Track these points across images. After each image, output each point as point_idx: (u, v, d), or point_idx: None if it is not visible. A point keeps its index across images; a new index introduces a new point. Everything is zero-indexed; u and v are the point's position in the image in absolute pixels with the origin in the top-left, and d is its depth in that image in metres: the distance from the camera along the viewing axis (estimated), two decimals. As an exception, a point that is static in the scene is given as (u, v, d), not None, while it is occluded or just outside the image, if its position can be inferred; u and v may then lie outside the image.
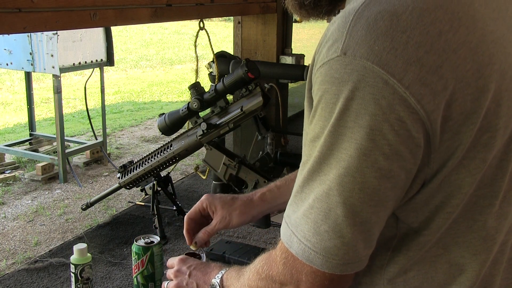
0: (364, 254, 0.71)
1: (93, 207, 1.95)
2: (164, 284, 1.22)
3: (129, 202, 2.34)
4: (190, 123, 1.56)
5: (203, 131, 1.51)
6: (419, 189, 0.71)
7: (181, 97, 9.45)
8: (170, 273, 1.21)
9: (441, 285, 0.75)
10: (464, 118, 0.66)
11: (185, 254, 1.39)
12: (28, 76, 5.58)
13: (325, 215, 0.68)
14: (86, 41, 4.99)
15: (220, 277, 1.02)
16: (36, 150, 5.63)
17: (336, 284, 0.73)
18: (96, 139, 5.63)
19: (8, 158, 5.53)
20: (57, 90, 4.82)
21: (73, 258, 1.41)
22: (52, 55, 4.65)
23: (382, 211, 0.69)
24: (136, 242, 1.44)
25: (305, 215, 0.70)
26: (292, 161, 2.24)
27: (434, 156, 0.67)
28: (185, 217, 1.27)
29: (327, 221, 0.68)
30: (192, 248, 1.26)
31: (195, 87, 1.51)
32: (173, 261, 1.22)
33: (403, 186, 0.69)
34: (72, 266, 1.40)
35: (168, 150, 1.60)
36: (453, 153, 0.67)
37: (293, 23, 2.63)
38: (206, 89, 1.52)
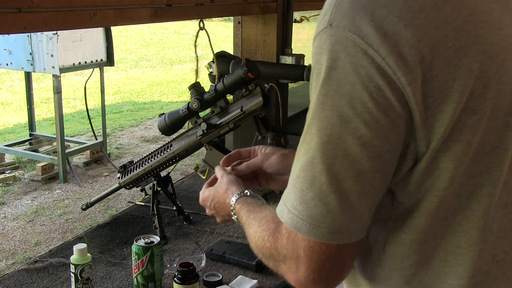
0: (352, 227, 0.71)
1: (93, 207, 1.95)
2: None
3: (129, 202, 2.34)
4: (190, 123, 1.56)
5: (203, 131, 1.51)
6: (412, 168, 0.71)
7: (181, 97, 9.44)
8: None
9: (437, 273, 0.75)
10: (445, 97, 0.66)
11: (180, 265, 1.40)
12: (28, 76, 5.57)
13: (310, 183, 0.70)
14: (86, 41, 4.98)
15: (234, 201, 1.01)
16: (36, 150, 5.63)
17: (334, 261, 0.74)
18: (96, 139, 5.63)
19: (8, 158, 5.53)
20: (57, 90, 4.82)
21: (73, 258, 1.41)
22: (52, 55, 4.65)
23: (368, 182, 0.69)
24: (136, 242, 1.44)
25: (293, 184, 0.73)
26: (292, 161, 2.24)
27: (419, 134, 0.68)
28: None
29: (312, 189, 0.70)
30: (227, 169, 1.18)
31: (195, 87, 1.51)
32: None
33: (388, 159, 0.69)
34: (72, 266, 1.41)
35: (168, 150, 1.60)
36: (436, 133, 0.68)
37: (293, 23, 2.62)
38: (206, 89, 1.52)
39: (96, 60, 5.15)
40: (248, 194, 1.02)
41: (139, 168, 1.68)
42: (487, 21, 0.69)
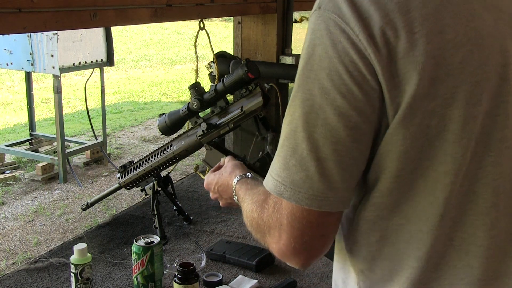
0: (330, 194, 0.74)
1: (93, 207, 1.95)
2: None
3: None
4: (190, 123, 1.56)
5: (203, 131, 1.51)
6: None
7: (181, 97, 9.44)
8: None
9: (401, 254, 0.78)
10: (409, 78, 0.70)
11: (180, 265, 1.40)
12: (28, 76, 5.57)
13: (293, 150, 0.75)
14: (86, 41, 4.98)
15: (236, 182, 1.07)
16: (36, 150, 5.63)
17: (315, 229, 0.77)
18: (96, 139, 5.63)
19: (8, 158, 5.53)
20: (57, 90, 4.82)
21: (73, 258, 1.41)
22: (52, 55, 4.64)
23: (345, 151, 0.73)
24: (136, 242, 1.44)
25: (277, 154, 0.78)
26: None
27: (388, 111, 0.72)
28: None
29: (294, 156, 0.75)
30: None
31: (195, 87, 1.51)
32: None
33: (366, 131, 0.73)
34: (72, 266, 1.41)
35: (168, 150, 1.60)
36: (397, 111, 0.71)
37: (293, 23, 2.63)
38: (206, 89, 1.52)
39: (96, 60, 5.15)
40: (250, 176, 1.07)
41: (139, 168, 1.68)
42: (457, 12, 0.72)
